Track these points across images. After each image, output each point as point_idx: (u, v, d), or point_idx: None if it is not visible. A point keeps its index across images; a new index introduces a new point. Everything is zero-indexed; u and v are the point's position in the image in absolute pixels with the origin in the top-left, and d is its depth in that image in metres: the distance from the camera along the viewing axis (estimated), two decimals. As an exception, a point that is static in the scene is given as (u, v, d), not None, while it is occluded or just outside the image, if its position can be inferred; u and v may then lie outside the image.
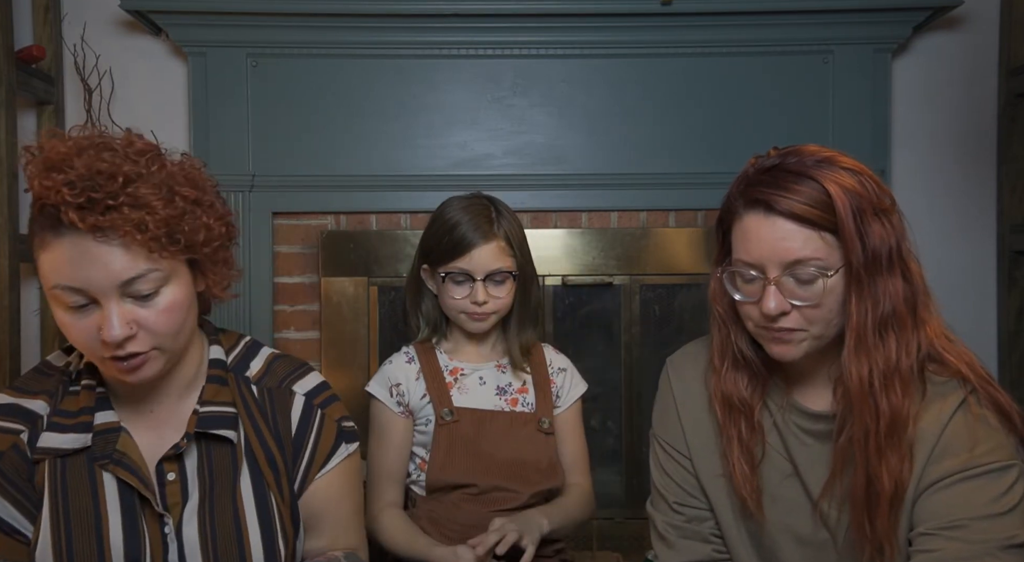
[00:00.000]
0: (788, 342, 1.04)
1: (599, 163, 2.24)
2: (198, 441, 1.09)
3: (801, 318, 1.02)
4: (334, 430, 1.16)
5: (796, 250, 1.00)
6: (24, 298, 2.08)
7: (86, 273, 0.95)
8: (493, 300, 1.49)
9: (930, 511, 1.01)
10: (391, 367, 1.56)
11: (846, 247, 0.99)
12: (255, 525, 1.07)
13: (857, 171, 1.04)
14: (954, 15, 2.25)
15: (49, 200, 0.94)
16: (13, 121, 1.98)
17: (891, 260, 1.01)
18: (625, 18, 2.18)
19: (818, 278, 1.00)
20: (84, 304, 0.97)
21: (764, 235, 1.02)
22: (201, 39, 2.18)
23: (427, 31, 2.20)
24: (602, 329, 2.35)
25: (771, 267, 1.01)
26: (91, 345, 0.99)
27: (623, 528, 2.26)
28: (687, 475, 1.20)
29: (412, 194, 2.22)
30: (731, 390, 1.12)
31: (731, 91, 2.23)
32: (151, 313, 0.99)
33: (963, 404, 1.02)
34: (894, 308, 1.01)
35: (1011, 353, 2.26)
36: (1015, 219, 2.25)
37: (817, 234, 1.00)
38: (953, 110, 2.31)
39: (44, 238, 0.97)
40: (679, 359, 1.26)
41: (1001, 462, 0.99)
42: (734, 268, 1.06)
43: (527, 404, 1.54)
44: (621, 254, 2.25)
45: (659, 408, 1.26)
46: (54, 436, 1.05)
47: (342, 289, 2.22)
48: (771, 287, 1.01)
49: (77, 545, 1.03)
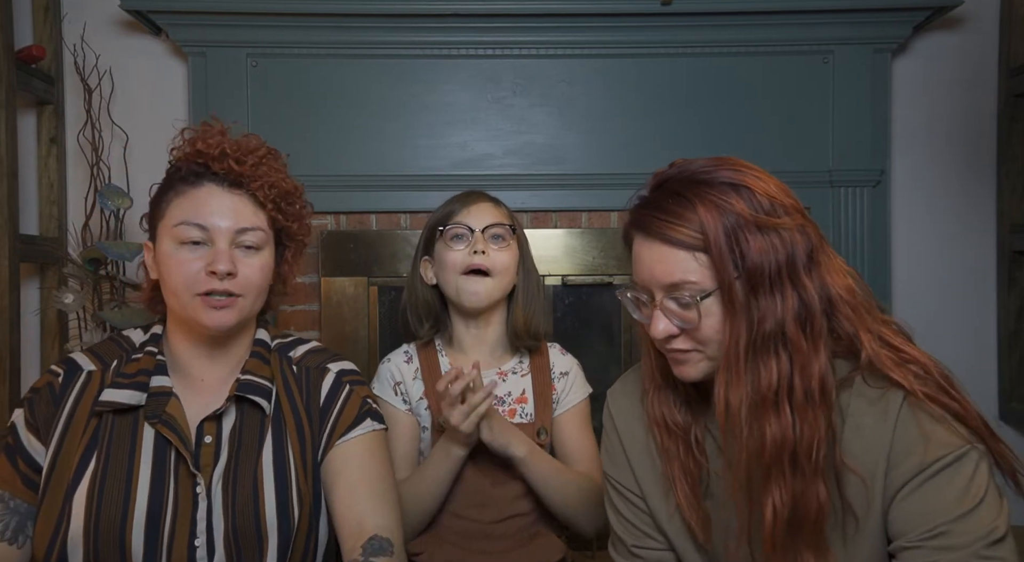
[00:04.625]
0: (684, 363, 1.03)
1: (599, 163, 2.24)
2: (236, 406, 1.21)
3: (690, 340, 1.00)
4: (359, 404, 1.26)
5: (671, 273, 0.98)
6: (24, 298, 2.08)
7: (215, 214, 1.16)
8: (493, 255, 1.49)
9: (905, 521, 0.96)
10: (390, 365, 1.55)
11: (716, 268, 0.96)
12: (271, 491, 1.16)
13: (748, 187, 0.97)
14: (954, 15, 2.25)
15: (208, 153, 1.18)
16: (13, 121, 1.98)
17: (778, 277, 0.96)
18: (625, 18, 2.19)
19: (693, 302, 0.97)
20: (199, 242, 1.16)
21: (644, 258, 1.01)
22: (201, 39, 2.18)
23: (427, 31, 2.20)
24: (602, 329, 2.35)
25: (655, 290, 1.00)
26: (194, 279, 1.15)
27: (623, 528, 2.25)
28: (642, 514, 1.15)
29: (412, 194, 2.22)
30: (664, 412, 1.09)
31: (731, 91, 2.23)
32: (249, 264, 1.18)
33: (903, 403, 0.98)
34: (780, 327, 0.95)
35: (1011, 353, 2.26)
36: (1015, 219, 2.25)
37: (691, 255, 0.97)
38: (953, 110, 2.31)
39: (180, 189, 1.18)
40: (618, 391, 1.22)
41: (954, 451, 0.95)
42: (633, 291, 1.05)
43: (525, 414, 1.53)
44: (621, 254, 2.24)
45: (605, 446, 1.21)
46: (114, 392, 1.18)
47: (342, 289, 2.22)
48: (657, 311, 1.00)
49: (108, 493, 1.13)
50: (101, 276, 2.07)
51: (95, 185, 2.15)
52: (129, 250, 1.99)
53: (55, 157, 2.22)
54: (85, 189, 2.16)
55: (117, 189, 2.08)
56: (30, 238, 2.10)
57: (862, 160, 2.22)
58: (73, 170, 2.26)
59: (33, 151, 2.21)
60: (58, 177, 2.22)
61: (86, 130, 2.16)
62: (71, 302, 2.01)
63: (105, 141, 2.19)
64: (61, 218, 2.22)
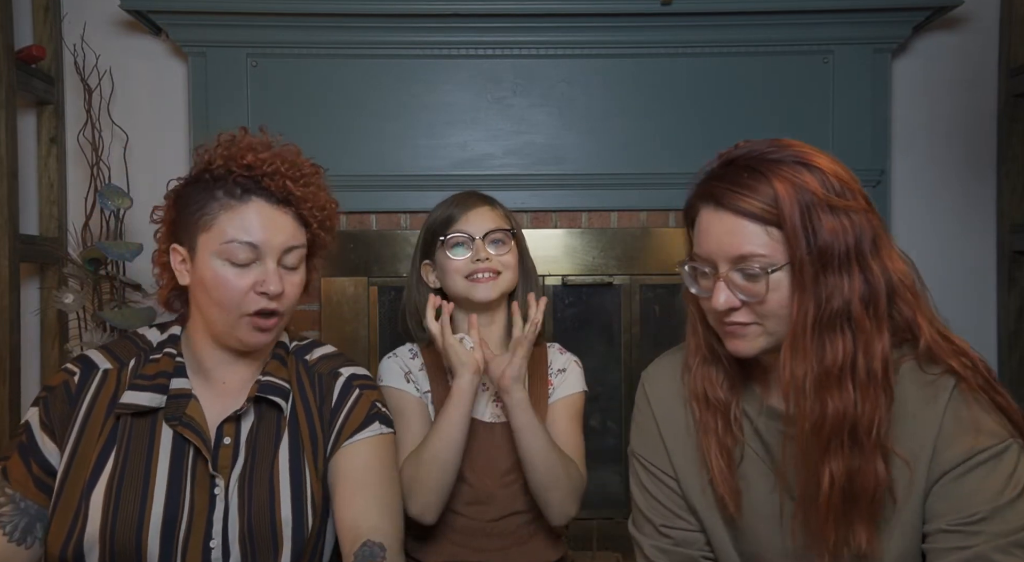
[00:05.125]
0: (742, 336, 1.03)
1: (599, 163, 2.24)
2: (255, 408, 1.21)
3: (752, 313, 1.01)
4: (367, 407, 1.26)
5: (740, 245, 0.99)
6: (24, 298, 2.08)
7: (267, 231, 1.15)
8: (495, 258, 1.49)
9: (946, 504, 0.99)
10: (397, 359, 1.54)
11: (789, 242, 0.97)
12: (287, 493, 1.17)
13: (820, 168, 1.00)
14: (954, 15, 2.25)
15: (260, 170, 1.16)
16: (13, 121, 1.98)
17: (846, 257, 0.98)
18: (625, 18, 2.19)
19: (762, 274, 0.99)
20: (249, 262, 1.15)
21: (713, 230, 1.01)
22: (201, 39, 2.18)
23: (427, 31, 2.20)
24: (602, 329, 2.35)
25: (720, 262, 1.01)
26: (243, 299, 1.15)
27: (623, 528, 2.22)
28: (673, 495, 1.16)
29: (412, 194, 2.22)
30: (706, 387, 1.10)
31: (731, 91, 2.23)
32: (291, 282, 1.19)
33: (955, 389, 1.00)
34: (847, 306, 0.97)
35: (1011, 353, 2.26)
36: (1015, 219, 2.25)
37: (762, 229, 0.98)
38: (953, 110, 2.31)
39: (228, 202, 1.15)
40: (654, 372, 1.23)
41: (1002, 442, 0.97)
42: (693, 263, 1.06)
43: None
44: (621, 254, 2.25)
45: (637, 426, 1.22)
46: (134, 394, 1.18)
47: (342, 289, 2.22)
48: (720, 282, 1.01)
49: (125, 494, 1.13)
50: (101, 276, 2.07)
51: (95, 185, 2.14)
52: (129, 250, 1.99)
53: (55, 157, 2.22)
54: (85, 189, 2.16)
55: (117, 189, 2.08)
56: (30, 238, 2.10)
57: (862, 160, 2.22)
58: (73, 170, 2.26)
59: (33, 151, 2.21)
60: (58, 177, 2.22)
61: (86, 130, 2.16)
62: (71, 302, 2.01)
63: (105, 141, 2.19)
64: (61, 218, 2.22)
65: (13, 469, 1.17)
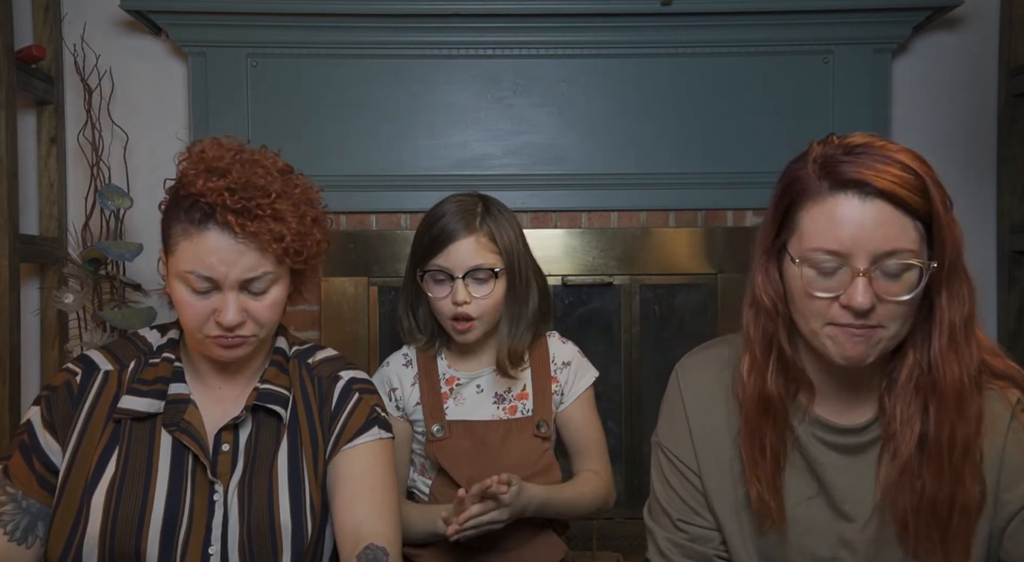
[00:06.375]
0: (866, 339, 0.95)
1: (599, 163, 2.24)
2: (253, 415, 1.21)
3: (885, 315, 0.93)
4: (367, 411, 1.25)
5: (893, 238, 0.91)
6: (24, 298, 2.07)
7: (221, 266, 1.10)
8: (476, 302, 1.44)
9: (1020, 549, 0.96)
10: (388, 370, 1.55)
11: (941, 238, 0.91)
12: (286, 499, 1.16)
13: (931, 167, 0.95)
14: (954, 15, 2.25)
15: (209, 199, 1.09)
16: (13, 121, 1.98)
17: (961, 265, 0.95)
18: (625, 18, 2.19)
19: (906, 271, 0.91)
20: (208, 289, 1.12)
21: (854, 217, 0.92)
22: (201, 39, 2.18)
23: (427, 31, 2.20)
24: (602, 329, 2.35)
25: (860, 256, 0.92)
26: (203, 324, 1.14)
27: (623, 528, 2.26)
28: (694, 491, 1.13)
29: (412, 194, 2.22)
30: (771, 389, 1.03)
31: (731, 91, 2.23)
32: (259, 306, 1.15)
33: (1012, 419, 0.97)
34: (971, 311, 0.95)
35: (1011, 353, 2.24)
36: (1015, 219, 2.25)
37: (912, 223, 0.92)
38: (953, 110, 2.31)
39: (187, 229, 1.11)
40: (690, 365, 1.18)
41: None
42: (812, 258, 0.95)
43: (526, 410, 1.52)
44: (621, 254, 2.25)
45: (667, 417, 1.18)
46: (132, 399, 1.18)
47: (342, 289, 2.22)
48: (861, 279, 0.92)
49: (125, 497, 1.13)
50: (101, 276, 2.07)
51: (95, 185, 2.14)
52: (129, 250, 1.98)
53: (55, 157, 2.22)
54: (85, 189, 2.16)
55: (117, 189, 2.08)
56: (30, 238, 2.10)
57: (862, 160, 2.22)
58: (73, 170, 2.26)
59: (33, 151, 2.21)
60: (58, 177, 2.22)
61: (86, 130, 2.16)
62: (71, 302, 2.01)
63: (105, 141, 2.19)
64: (61, 218, 2.22)
65: (15, 468, 1.16)
